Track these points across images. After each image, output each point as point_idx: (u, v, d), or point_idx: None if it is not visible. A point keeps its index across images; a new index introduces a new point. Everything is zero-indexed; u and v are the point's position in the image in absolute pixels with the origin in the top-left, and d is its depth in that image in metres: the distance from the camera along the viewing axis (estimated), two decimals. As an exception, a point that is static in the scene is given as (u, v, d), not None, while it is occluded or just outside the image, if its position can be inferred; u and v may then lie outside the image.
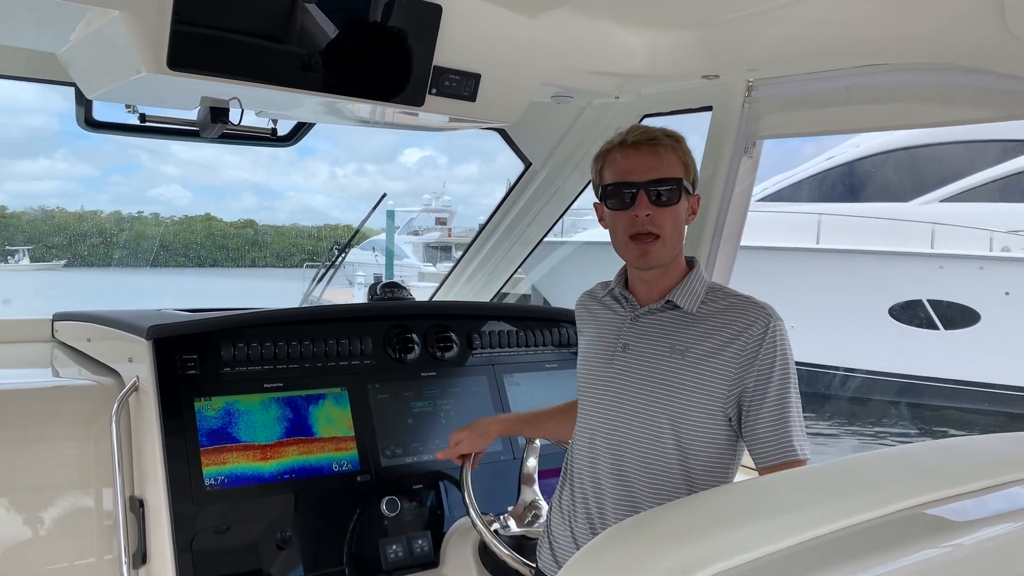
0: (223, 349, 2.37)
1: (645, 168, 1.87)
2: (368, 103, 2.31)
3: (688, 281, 1.93)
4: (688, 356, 1.86)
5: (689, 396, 1.85)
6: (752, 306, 1.88)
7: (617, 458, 1.92)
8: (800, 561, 0.88)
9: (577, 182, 3.58)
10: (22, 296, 11.95)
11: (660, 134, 1.91)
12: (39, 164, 36.59)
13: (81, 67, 2.23)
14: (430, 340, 2.76)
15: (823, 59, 2.45)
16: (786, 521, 0.95)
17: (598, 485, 1.94)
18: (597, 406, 1.98)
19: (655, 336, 1.92)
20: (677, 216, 1.88)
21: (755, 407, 1.83)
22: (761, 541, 0.88)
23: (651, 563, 0.86)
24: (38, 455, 2.28)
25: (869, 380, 13.54)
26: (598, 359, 2.00)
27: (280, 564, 2.27)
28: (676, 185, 1.87)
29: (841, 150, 15.24)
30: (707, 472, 1.88)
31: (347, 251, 3.74)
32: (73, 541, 2.27)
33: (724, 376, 1.84)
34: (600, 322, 2.06)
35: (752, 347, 1.82)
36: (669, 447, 1.87)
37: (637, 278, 1.98)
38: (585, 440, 2.00)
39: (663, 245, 1.88)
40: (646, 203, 1.85)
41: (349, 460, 2.46)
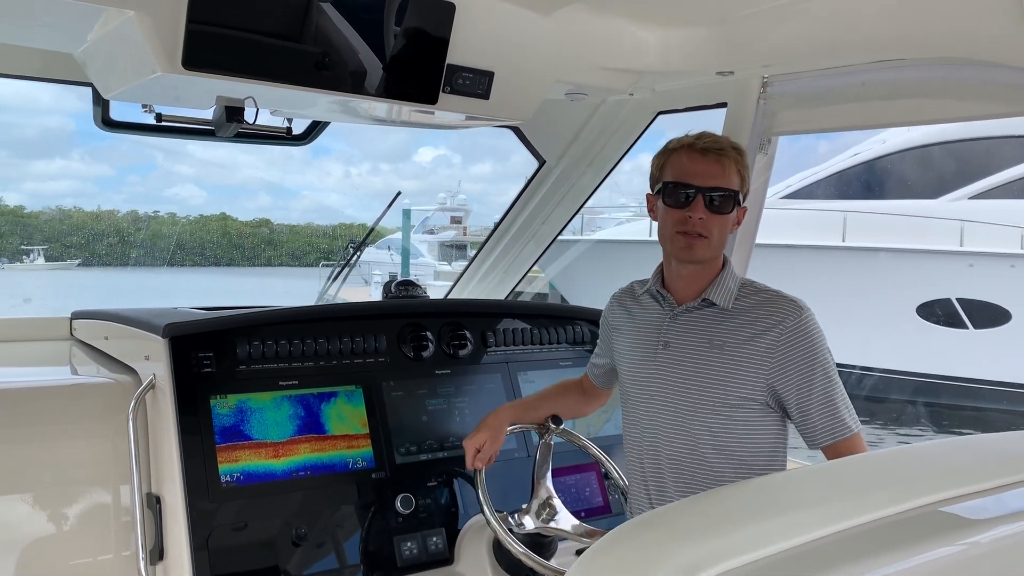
0: (239, 347, 2.41)
1: (708, 174, 2.03)
2: (382, 101, 2.33)
3: (722, 279, 2.09)
4: (726, 350, 2.02)
5: (729, 387, 2.01)
6: (783, 300, 2.05)
7: (668, 452, 2.09)
8: (814, 558, 0.88)
9: (591, 179, 3.60)
10: (38, 296, 12.10)
11: (727, 145, 2.07)
12: (56, 164, 37.02)
13: (98, 67, 2.28)
14: (445, 338, 2.79)
15: (838, 55, 2.45)
16: (800, 518, 0.96)
17: (658, 476, 2.11)
18: (643, 401, 2.14)
19: (694, 332, 2.08)
20: (726, 223, 2.06)
21: (803, 396, 1.98)
22: (774, 538, 0.88)
23: (663, 559, 0.86)
24: (57, 452, 2.32)
25: (900, 381, 13.36)
26: (641, 356, 2.16)
27: (296, 561, 2.31)
28: (733, 195, 2.03)
29: (867, 146, 15.05)
30: (757, 459, 2.03)
31: (362, 249, 3.78)
32: (91, 537, 2.30)
33: (761, 367, 1.99)
34: (639, 321, 2.21)
35: (786, 339, 1.98)
36: (717, 437, 2.03)
37: (675, 275, 2.13)
38: (634, 435, 2.17)
39: (708, 245, 2.05)
40: (701, 207, 2.02)
41: (364, 457, 2.50)
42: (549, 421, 2.45)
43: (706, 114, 2.97)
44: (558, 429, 2.45)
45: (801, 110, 2.72)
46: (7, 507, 2.23)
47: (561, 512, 2.36)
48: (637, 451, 2.17)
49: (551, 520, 2.34)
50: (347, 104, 2.46)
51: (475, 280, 4.02)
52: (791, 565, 0.86)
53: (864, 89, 2.52)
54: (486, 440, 2.34)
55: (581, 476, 2.80)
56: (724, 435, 2.02)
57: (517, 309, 3.14)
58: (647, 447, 2.14)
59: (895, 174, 14.83)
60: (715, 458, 2.03)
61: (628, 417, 2.22)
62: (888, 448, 1.61)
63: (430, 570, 2.46)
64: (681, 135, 2.13)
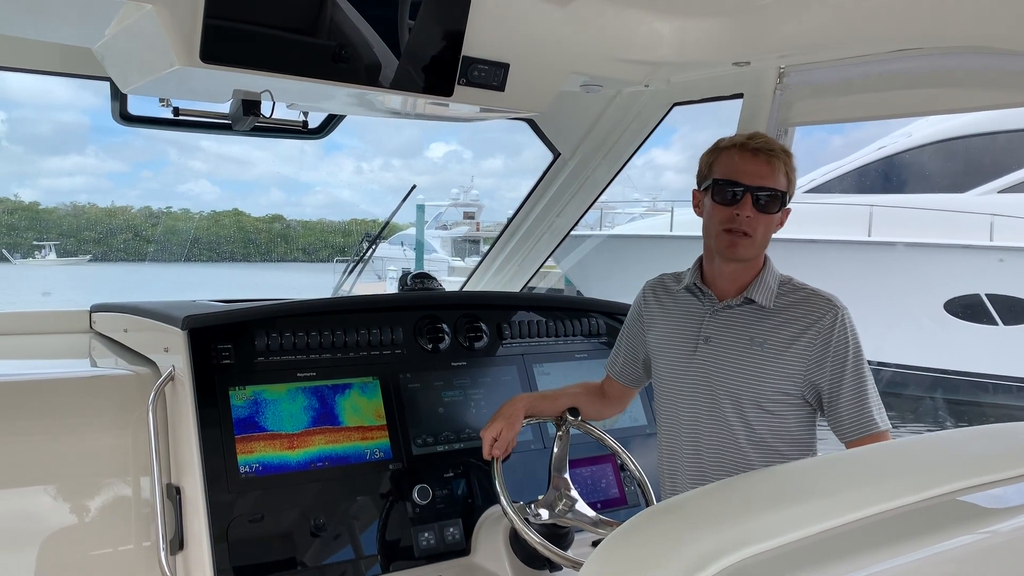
0: (257, 339, 2.45)
1: (757, 174, 2.08)
2: (398, 94, 2.36)
3: (763, 277, 2.15)
4: (767, 347, 2.09)
5: (769, 382, 2.09)
6: (820, 299, 2.12)
7: (708, 443, 2.16)
8: (833, 546, 0.89)
9: (606, 172, 3.61)
10: (51, 290, 12.21)
11: (778, 147, 2.13)
12: (71, 160, 37.33)
13: (116, 61, 2.31)
14: (460, 330, 2.82)
15: (856, 44, 2.45)
16: (820, 506, 0.96)
17: (698, 466, 2.18)
18: (682, 394, 2.21)
19: (736, 329, 2.15)
20: (771, 223, 2.11)
21: (835, 391, 2.06)
22: (794, 526, 0.89)
23: (683, 546, 0.86)
24: (77, 443, 2.35)
25: (933, 379, 13.18)
26: (679, 350, 2.23)
27: (314, 551, 2.35)
28: (780, 196, 2.09)
29: (892, 140, 14.81)
30: (791, 450, 2.12)
31: (377, 243, 3.81)
32: (111, 528, 2.34)
33: (800, 363, 2.08)
34: (676, 315, 2.27)
35: (823, 336, 2.07)
36: (754, 430, 2.11)
37: (717, 272, 2.19)
38: (672, 426, 2.24)
39: (752, 243, 2.11)
40: (749, 206, 2.08)
41: (381, 448, 2.53)
42: (567, 413, 2.47)
43: (722, 105, 2.98)
44: (576, 421, 2.47)
45: (818, 100, 2.72)
46: (28, 498, 2.27)
47: (578, 503, 2.38)
48: (675, 442, 2.24)
49: (568, 511, 2.36)
50: (363, 97, 2.48)
51: (490, 273, 4.04)
52: (810, 553, 0.87)
53: (882, 79, 2.53)
54: (502, 428, 2.37)
55: (597, 468, 2.83)
56: (760, 428, 2.11)
57: (533, 301, 3.16)
58: (686, 438, 2.20)
59: (921, 168, 14.56)
60: (751, 450, 2.12)
61: (665, 409, 2.28)
62: (909, 437, 1.60)
63: (447, 560, 2.49)
64: (692, 127, 2.19)
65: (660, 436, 2.32)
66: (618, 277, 12.98)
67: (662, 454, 2.32)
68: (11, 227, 15.41)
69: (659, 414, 2.33)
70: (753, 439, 2.12)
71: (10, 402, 2.34)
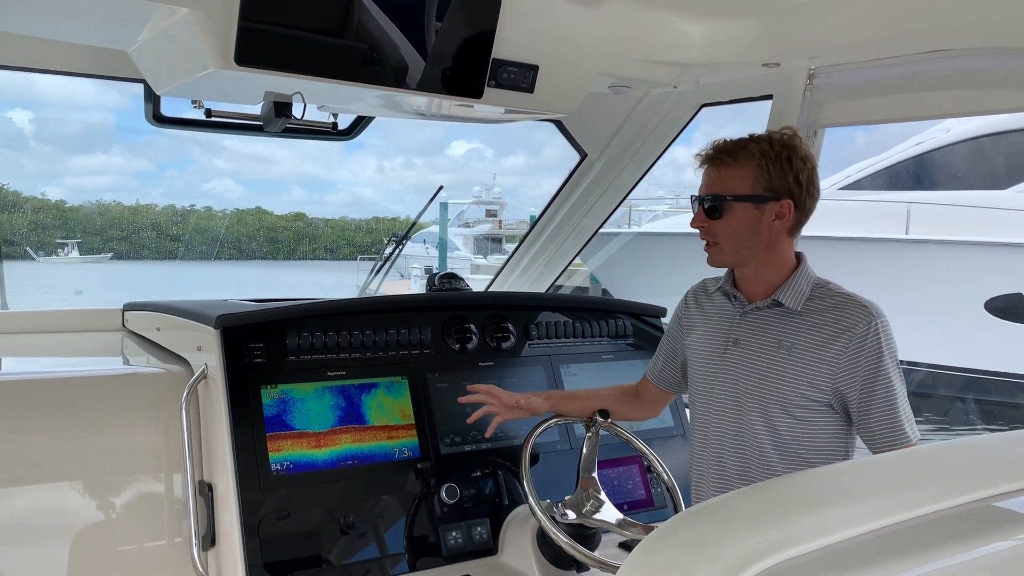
0: (288, 338, 2.48)
1: (706, 183, 2.14)
2: (428, 96, 2.38)
3: (794, 279, 2.12)
4: (794, 351, 2.06)
5: (795, 387, 2.06)
6: (855, 305, 2.05)
7: (731, 448, 2.16)
8: (867, 551, 0.89)
9: (633, 173, 3.61)
10: (69, 288, 12.38)
11: (725, 148, 2.11)
12: (96, 159, 37.78)
13: (150, 64, 2.35)
14: (488, 330, 2.84)
15: (888, 45, 2.44)
16: (855, 510, 0.95)
17: (722, 471, 2.18)
18: (711, 397, 2.22)
19: (763, 332, 2.13)
20: (730, 226, 2.10)
21: (865, 401, 2.01)
22: (829, 529, 0.88)
23: (720, 549, 0.86)
24: (110, 440, 2.40)
25: (974, 380, 12.94)
26: (712, 352, 2.24)
27: (343, 548, 2.38)
28: (720, 200, 2.09)
29: (930, 135, 14.35)
30: (817, 458, 2.08)
31: (404, 243, 3.85)
32: (144, 524, 2.38)
33: (828, 370, 2.03)
34: (712, 317, 2.29)
35: (856, 345, 2.00)
36: (779, 435, 2.09)
37: (745, 275, 2.20)
38: (701, 430, 2.25)
39: (720, 250, 2.14)
40: (700, 215, 2.14)
41: (409, 447, 2.56)
42: (597, 414, 2.49)
43: (751, 106, 2.98)
44: (605, 422, 2.49)
45: (848, 102, 2.71)
46: (63, 494, 2.32)
47: (606, 505, 2.39)
48: (703, 445, 2.24)
49: (595, 512, 2.37)
50: (392, 99, 2.51)
51: (516, 273, 4.06)
52: (848, 556, 0.87)
53: (913, 80, 2.51)
54: (527, 397, 2.44)
55: (624, 469, 2.84)
56: (786, 433, 2.08)
57: (560, 302, 3.17)
58: (712, 442, 2.21)
59: (960, 164, 14.09)
60: (775, 456, 2.09)
61: (696, 412, 2.30)
62: (944, 441, 1.58)
63: (474, 560, 2.51)
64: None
65: (692, 440, 2.33)
66: (645, 275, 12.92)
67: (692, 458, 2.33)
68: (37, 225, 15.62)
69: (692, 418, 2.34)
70: (779, 445, 2.09)
71: (46, 399, 2.39)
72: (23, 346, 3.12)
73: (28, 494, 2.29)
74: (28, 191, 20.60)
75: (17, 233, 12.74)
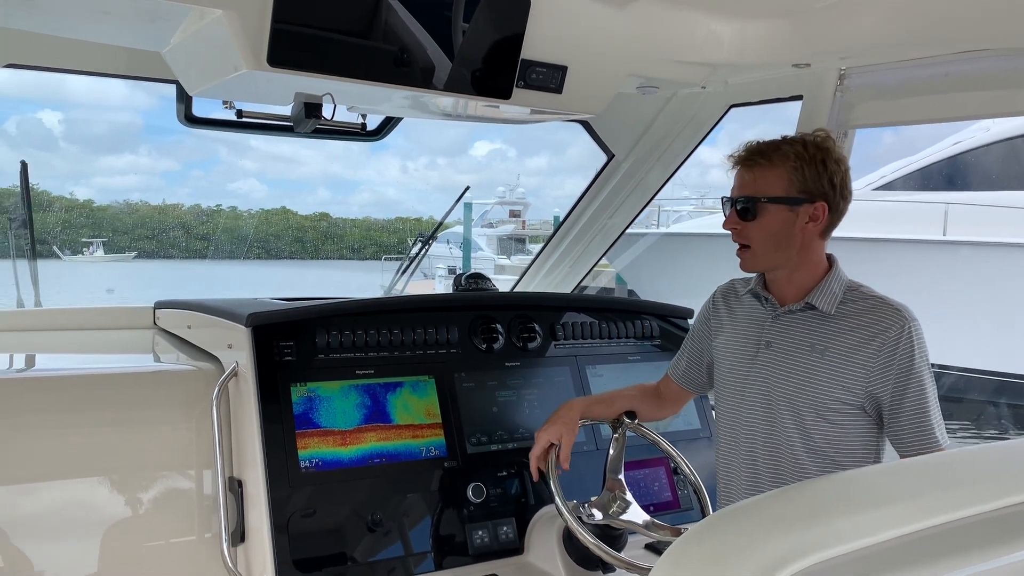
0: (317, 336, 2.51)
1: (738, 185, 2.13)
2: (457, 97, 2.39)
3: (826, 282, 2.12)
4: (827, 355, 2.06)
5: (828, 391, 2.06)
6: (888, 308, 2.06)
7: (764, 450, 2.15)
8: (901, 554, 0.88)
9: (660, 174, 3.61)
10: (89, 287, 12.55)
11: (759, 150, 2.10)
12: (124, 159, 38.33)
13: (183, 65, 2.38)
14: (514, 331, 2.85)
15: (920, 46, 2.42)
16: (895, 512, 0.95)
17: (755, 473, 2.18)
18: (742, 399, 2.21)
19: (795, 335, 2.13)
20: (764, 228, 2.09)
21: (896, 406, 2.02)
22: (869, 531, 0.89)
23: (754, 550, 0.86)
24: (142, 436, 2.43)
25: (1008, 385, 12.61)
26: (741, 354, 2.23)
27: (370, 545, 2.40)
28: (754, 203, 2.08)
29: (969, 134, 13.98)
30: (849, 460, 2.08)
31: (430, 243, 3.87)
32: (174, 519, 2.41)
33: (861, 374, 2.03)
34: (741, 319, 2.28)
35: (888, 349, 2.00)
36: (812, 439, 2.08)
37: (777, 278, 2.19)
38: (730, 432, 2.25)
39: (753, 254, 2.13)
40: (733, 217, 2.13)
41: (436, 446, 2.58)
42: (624, 416, 2.49)
43: (780, 107, 2.97)
44: (632, 423, 2.49)
45: (880, 102, 2.69)
46: (95, 489, 2.35)
47: (632, 506, 2.39)
48: (733, 448, 2.24)
49: (622, 513, 2.37)
50: (420, 100, 2.52)
51: (541, 274, 4.07)
52: (885, 558, 0.87)
53: (946, 80, 2.50)
54: (562, 434, 2.37)
55: (650, 471, 2.84)
56: (818, 437, 2.08)
57: (586, 303, 3.18)
58: (743, 444, 2.20)
59: (999, 164, 13.71)
60: (807, 459, 2.09)
61: (725, 414, 2.29)
62: (977, 445, 1.55)
63: (500, 559, 2.52)
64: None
65: (718, 442, 2.33)
66: (672, 276, 12.83)
67: (719, 460, 2.32)
68: (67, 224, 15.85)
69: (719, 420, 2.33)
70: (810, 448, 2.09)
71: (78, 395, 2.43)
72: (56, 343, 3.17)
73: (61, 489, 2.33)
74: (57, 191, 20.89)
75: (49, 232, 12.94)
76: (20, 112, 48.83)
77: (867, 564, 0.86)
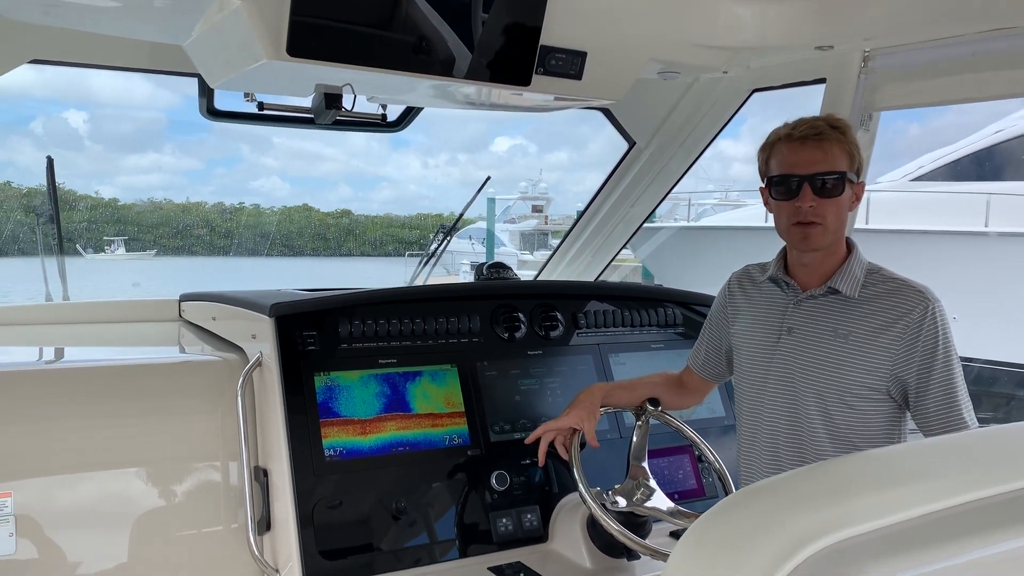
0: (340, 326, 2.53)
1: (810, 161, 2.05)
2: (476, 84, 2.40)
3: (848, 266, 2.10)
4: (851, 339, 2.04)
5: (852, 376, 2.04)
6: (910, 290, 2.05)
7: (787, 437, 2.15)
8: (927, 532, 0.88)
9: (683, 161, 3.59)
10: (110, 282, 12.71)
11: (825, 127, 2.06)
12: (148, 158, 38.77)
13: (205, 58, 2.40)
14: (536, 319, 2.86)
15: (945, 25, 2.39)
16: (915, 491, 0.94)
17: (776, 459, 2.17)
18: (763, 385, 2.20)
19: (818, 320, 2.11)
20: (840, 205, 2.06)
21: (922, 388, 2.00)
22: (894, 508, 0.88)
23: (776, 527, 0.85)
24: (168, 426, 2.46)
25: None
26: (762, 341, 2.22)
27: (394, 533, 2.41)
28: (840, 177, 2.04)
29: (1011, 121, 13.58)
30: (872, 445, 2.05)
31: (452, 235, 3.88)
32: (200, 509, 2.44)
33: (886, 357, 2.02)
34: (761, 306, 2.26)
35: (913, 330, 2.00)
36: (835, 425, 2.07)
37: (797, 262, 2.17)
38: (752, 418, 2.24)
39: (824, 231, 2.06)
40: (810, 194, 2.04)
41: (460, 435, 2.59)
42: (647, 403, 2.49)
43: (804, 90, 2.95)
44: (656, 411, 2.49)
45: (905, 84, 2.66)
46: (121, 479, 2.38)
47: (656, 493, 2.39)
48: (755, 435, 2.23)
49: (646, 500, 2.37)
50: (442, 88, 2.53)
51: (563, 263, 4.07)
52: (912, 535, 0.86)
53: (973, 60, 2.46)
54: (583, 419, 2.38)
55: (674, 458, 2.84)
56: (842, 423, 2.07)
57: (608, 291, 3.18)
58: (765, 430, 2.19)
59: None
60: (830, 446, 2.08)
61: (745, 401, 2.28)
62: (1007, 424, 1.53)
63: (525, 547, 2.53)
64: (779, 123, 2.16)
65: (740, 429, 2.32)
66: (700, 269, 12.69)
67: (740, 448, 2.31)
68: (93, 222, 16.04)
69: (739, 407, 2.32)
70: (834, 434, 2.08)
71: (105, 387, 2.46)
72: (84, 335, 3.22)
73: (89, 479, 2.36)
74: (83, 190, 21.17)
75: (75, 230, 13.10)
76: (46, 112, 49.50)
77: (890, 542, 0.85)
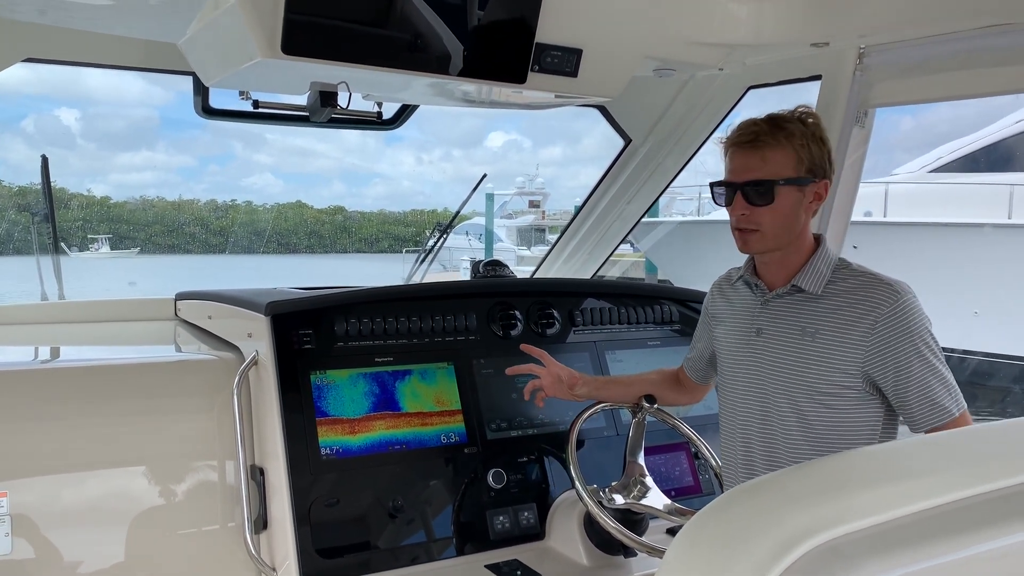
0: (336, 324, 2.55)
1: (744, 168, 2.03)
2: (471, 82, 2.41)
3: (812, 263, 2.07)
4: (819, 337, 2.01)
5: (822, 374, 2.01)
6: (879, 284, 1.99)
7: (759, 440, 2.13)
8: (923, 528, 0.88)
9: (678, 158, 3.61)
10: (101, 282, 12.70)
11: (764, 130, 2.01)
12: (141, 156, 38.73)
13: (199, 56, 2.42)
14: (533, 317, 2.88)
15: (941, 21, 2.40)
16: (910, 487, 0.94)
17: (749, 464, 2.15)
18: (737, 388, 2.19)
19: (786, 319, 2.09)
20: (776, 212, 2.01)
21: (902, 382, 1.95)
22: (890, 505, 0.88)
23: (771, 524, 0.86)
24: (165, 426, 2.47)
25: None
26: (736, 343, 2.21)
27: (391, 532, 2.43)
28: (769, 185, 2.00)
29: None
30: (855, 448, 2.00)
31: (448, 232, 3.90)
32: (197, 508, 2.45)
33: (855, 354, 1.97)
34: (735, 307, 2.25)
35: (882, 325, 1.94)
36: (811, 426, 2.03)
37: (761, 262, 2.15)
38: (728, 421, 2.23)
39: (762, 236, 2.04)
40: (742, 202, 2.03)
41: (456, 433, 2.61)
42: (643, 399, 2.51)
43: (799, 87, 2.97)
44: (652, 408, 2.51)
45: (901, 80, 2.68)
46: (118, 478, 2.40)
47: (653, 490, 2.42)
48: (731, 436, 2.23)
49: (643, 497, 2.39)
50: (437, 86, 2.54)
51: (560, 260, 4.09)
52: (907, 532, 0.87)
53: (969, 56, 2.48)
54: (546, 383, 2.47)
55: (671, 455, 2.86)
56: (818, 424, 2.02)
57: (604, 288, 3.20)
58: (739, 434, 2.18)
59: None
60: (805, 446, 2.03)
61: (723, 403, 2.28)
62: (1002, 420, 1.54)
63: (522, 544, 2.55)
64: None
65: (720, 432, 2.30)
66: (707, 263, 12.60)
67: (721, 451, 2.30)
68: (84, 221, 16.02)
69: (720, 409, 2.31)
70: (809, 435, 2.02)
71: (101, 385, 2.47)
72: (79, 335, 3.24)
73: (85, 478, 2.37)
74: (74, 188, 21.13)
75: (67, 229, 13.08)
76: (38, 110, 49.41)
77: (885, 539, 0.86)
